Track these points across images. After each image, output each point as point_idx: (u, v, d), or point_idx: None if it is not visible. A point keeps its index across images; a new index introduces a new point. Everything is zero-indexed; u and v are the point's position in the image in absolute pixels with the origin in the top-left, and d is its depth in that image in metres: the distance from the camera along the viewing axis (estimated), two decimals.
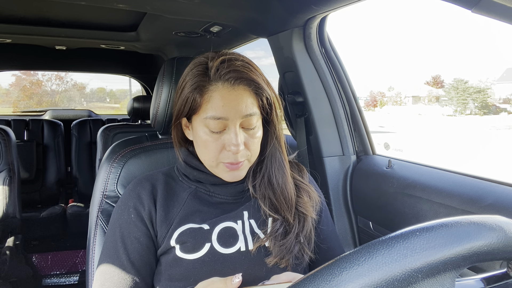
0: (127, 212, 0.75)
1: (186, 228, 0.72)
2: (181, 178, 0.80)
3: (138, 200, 0.75)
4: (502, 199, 0.84)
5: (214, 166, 0.74)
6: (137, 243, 0.73)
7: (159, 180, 0.79)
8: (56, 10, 1.71)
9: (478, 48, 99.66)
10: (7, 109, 7.20)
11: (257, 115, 0.73)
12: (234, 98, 0.70)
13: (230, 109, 0.69)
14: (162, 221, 0.74)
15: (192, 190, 0.78)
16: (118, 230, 0.74)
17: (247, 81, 0.70)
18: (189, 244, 0.71)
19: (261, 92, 0.73)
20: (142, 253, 0.72)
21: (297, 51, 1.31)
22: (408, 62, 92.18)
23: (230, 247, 0.71)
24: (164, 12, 1.36)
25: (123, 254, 0.72)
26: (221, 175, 0.75)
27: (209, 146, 0.72)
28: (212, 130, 0.71)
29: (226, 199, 0.78)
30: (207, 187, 0.78)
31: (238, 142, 0.70)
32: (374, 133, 1.51)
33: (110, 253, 0.73)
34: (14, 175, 1.88)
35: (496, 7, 0.61)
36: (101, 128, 2.20)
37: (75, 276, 2.26)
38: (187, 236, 0.71)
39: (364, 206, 1.26)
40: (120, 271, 0.71)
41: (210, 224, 0.73)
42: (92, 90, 10.75)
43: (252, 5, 1.27)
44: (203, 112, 0.71)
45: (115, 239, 0.74)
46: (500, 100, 31.93)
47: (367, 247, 0.33)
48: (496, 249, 0.35)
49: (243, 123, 0.72)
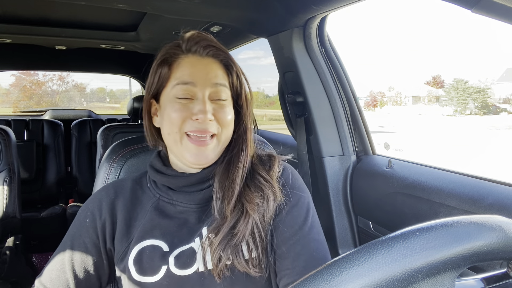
0: (85, 215, 0.73)
1: (145, 245, 0.68)
2: (149, 185, 0.76)
3: (98, 207, 0.73)
4: (502, 199, 0.84)
5: (178, 141, 0.70)
6: (83, 247, 0.71)
7: (126, 188, 0.76)
8: (56, 10, 1.71)
9: (478, 48, 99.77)
10: (7, 109, 7.20)
11: (226, 89, 0.72)
12: (203, 67, 0.70)
13: (199, 76, 0.69)
14: (123, 235, 0.70)
15: (154, 201, 0.73)
16: (72, 228, 0.74)
17: (216, 51, 0.71)
18: (146, 266, 0.67)
19: (230, 66, 0.73)
20: (85, 259, 0.71)
21: (297, 51, 1.31)
22: (408, 62, 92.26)
23: (187, 268, 0.67)
24: (164, 12, 1.36)
25: (67, 253, 0.71)
26: (186, 156, 0.70)
27: (173, 116, 0.69)
28: (179, 97, 0.69)
29: (189, 207, 0.72)
30: (170, 195, 0.73)
31: (206, 109, 0.67)
32: (374, 133, 1.51)
33: (60, 247, 0.73)
34: (14, 175, 1.88)
35: (496, 7, 0.61)
36: (101, 128, 2.20)
37: None
38: (145, 257, 0.68)
39: (364, 206, 1.26)
40: (59, 267, 0.70)
41: (169, 244, 0.68)
42: (92, 90, 10.76)
43: (252, 5, 1.27)
44: (172, 81, 0.70)
45: (67, 236, 0.73)
46: (500, 100, 31.94)
47: (367, 247, 0.33)
48: (496, 249, 0.35)
49: (212, 94, 0.70)
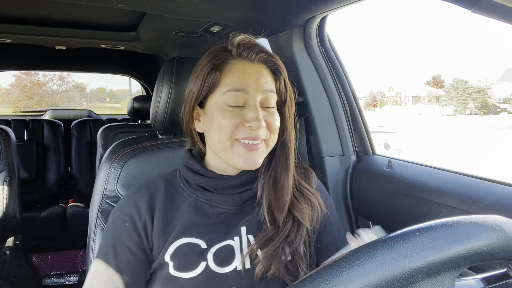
0: (122, 220, 0.71)
1: (182, 243, 0.69)
2: (182, 185, 0.75)
3: (135, 208, 0.72)
4: (502, 199, 0.84)
5: (229, 148, 0.69)
6: (128, 253, 0.69)
7: (159, 188, 0.75)
8: (56, 10, 1.71)
9: (478, 48, 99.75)
10: (7, 109, 7.20)
11: (275, 96, 0.72)
12: (254, 73, 0.69)
13: (251, 82, 0.68)
14: (160, 234, 0.70)
15: (192, 201, 0.73)
16: (111, 236, 0.72)
17: (266, 56, 0.71)
18: (183, 262, 0.67)
19: (279, 71, 0.72)
20: (132, 264, 0.69)
21: (297, 51, 1.31)
22: (408, 62, 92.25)
23: (226, 266, 0.68)
24: (164, 12, 1.36)
25: (113, 262, 0.69)
26: (236, 161, 0.69)
27: (224, 123, 0.67)
28: (231, 104, 0.68)
29: (228, 209, 0.72)
30: (208, 196, 0.73)
31: (259, 117, 0.66)
32: (374, 133, 1.51)
33: (101, 257, 0.71)
34: (14, 175, 1.88)
35: (496, 7, 0.61)
36: (101, 128, 2.20)
37: (75, 276, 2.26)
38: (182, 253, 0.68)
39: (364, 206, 1.26)
40: (107, 278, 0.69)
41: (207, 241, 0.69)
42: (92, 90, 10.75)
43: (252, 5, 1.27)
44: (222, 87, 0.68)
45: (107, 245, 0.71)
46: (500, 100, 31.92)
47: (367, 247, 0.34)
48: (496, 249, 0.35)
49: (263, 101, 0.69)
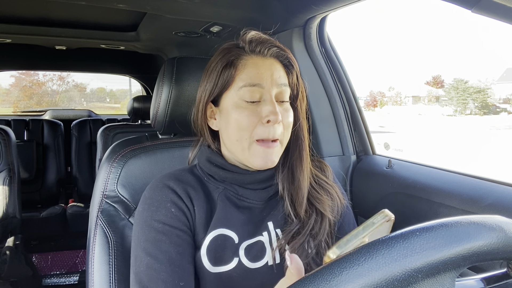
0: (165, 208, 0.68)
1: (218, 234, 0.68)
2: (207, 179, 0.75)
3: (175, 195, 0.70)
4: (502, 199, 0.84)
5: (246, 148, 0.69)
6: (184, 235, 0.67)
7: (189, 179, 0.73)
8: (56, 10, 1.71)
9: (478, 48, 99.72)
10: (7, 109, 7.20)
11: (288, 89, 0.72)
12: (268, 67, 0.70)
13: (265, 77, 0.69)
14: (201, 223, 0.69)
15: (221, 191, 0.73)
16: (156, 225, 0.67)
17: (278, 50, 0.72)
18: (218, 255, 0.67)
19: (291, 65, 0.73)
20: (191, 246, 0.68)
21: (297, 51, 1.31)
22: (408, 62, 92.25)
23: (258, 261, 0.68)
24: (164, 12, 1.36)
25: (170, 247, 0.65)
26: (253, 161, 0.69)
27: (243, 121, 0.68)
28: (247, 100, 0.68)
29: (255, 203, 0.73)
30: (236, 189, 0.73)
31: (276, 110, 0.67)
32: (374, 133, 1.51)
33: (150, 251, 0.66)
34: (14, 175, 1.88)
35: (496, 7, 0.61)
36: (101, 128, 2.20)
37: (75, 276, 2.26)
38: (217, 245, 0.67)
39: (364, 206, 1.26)
40: (168, 265, 0.65)
41: (239, 235, 0.69)
42: (92, 90, 10.74)
43: (252, 5, 1.27)
44: (238, 82, 0.69)
45: (154, 236, 0.67)
46: (500, 100, 31.92)
47: (367, 247, 0.34)
48: (496, 249, 0.35)
49: (277, 95, 0.70)
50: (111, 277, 0.85)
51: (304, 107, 0.77)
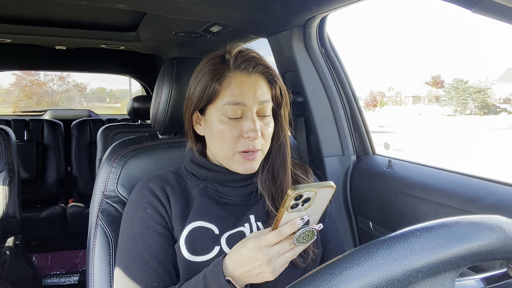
0: (142, 208, 0.74)
1: (196, 226, 0.72)
2: (190, 177, 0.80)
3: (152, 195, 0.75)
4: (502, 199, 0.84)
5: (229, 158, 0.74)
6: (157, 236, 0.72)
7: (169, 178, 0.79)
8: (56, 10, 1.71)
9: (478, 48, 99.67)
10: (7, 109, 7.20)
11: (270, 104, 0.75)
12: (251, 85, 0.72)
13: (248, 95, 0.71)
14: (177, 217, 0.73)
15: (201, 188, 0.78)
16: (135, 227, 0.74)
17: (263, 68, 0.74)
18: (197, 246, 0.70)
19: (274, 81, 0.76)
20: (164, 245, 0.72)
21: (297, 51, 1.31)
22: (408, 62, 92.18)
23: None
24: (164, 12, 1.36)
25: (144, 249, 0.71)
26: (235, 167, 0.75)
27: (225, 135, 0.72)
28: (229, 116, 0.71)
29: (234, 200, 0.77)
30: (216, 187, 0.78)
31: (256, 128, 0.71)
32: (374, 133, 1.51)
33: (129, 251, 0.72)
34: (14, 175, 1.88)
35: (496, 7, 0.61)
36: (101, 128, 2.20)
37: (75, 276, 2.26)
38: (197, 237, 0.71)
39: (364, 206, 1.26)
40: (143, 267, 0.70)
41: (219, 228, 0.72)
42: (92, 90, 10.75)
43: (252, 5, 1.27)
44: (221, 99, 0.72)
45: (133, 237, 0.73)
46: (500, 100, 31.91)
47: (367, 247, 0.34)
48: (496, 249, 0.35)
49: (259, 111, 0.73)
50: (111, 277, 0.85)
51: (287, 114, 0.81)
